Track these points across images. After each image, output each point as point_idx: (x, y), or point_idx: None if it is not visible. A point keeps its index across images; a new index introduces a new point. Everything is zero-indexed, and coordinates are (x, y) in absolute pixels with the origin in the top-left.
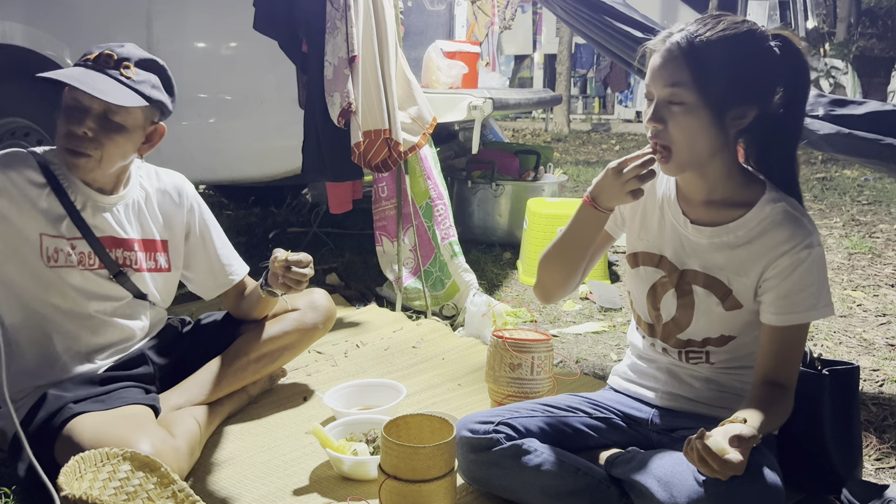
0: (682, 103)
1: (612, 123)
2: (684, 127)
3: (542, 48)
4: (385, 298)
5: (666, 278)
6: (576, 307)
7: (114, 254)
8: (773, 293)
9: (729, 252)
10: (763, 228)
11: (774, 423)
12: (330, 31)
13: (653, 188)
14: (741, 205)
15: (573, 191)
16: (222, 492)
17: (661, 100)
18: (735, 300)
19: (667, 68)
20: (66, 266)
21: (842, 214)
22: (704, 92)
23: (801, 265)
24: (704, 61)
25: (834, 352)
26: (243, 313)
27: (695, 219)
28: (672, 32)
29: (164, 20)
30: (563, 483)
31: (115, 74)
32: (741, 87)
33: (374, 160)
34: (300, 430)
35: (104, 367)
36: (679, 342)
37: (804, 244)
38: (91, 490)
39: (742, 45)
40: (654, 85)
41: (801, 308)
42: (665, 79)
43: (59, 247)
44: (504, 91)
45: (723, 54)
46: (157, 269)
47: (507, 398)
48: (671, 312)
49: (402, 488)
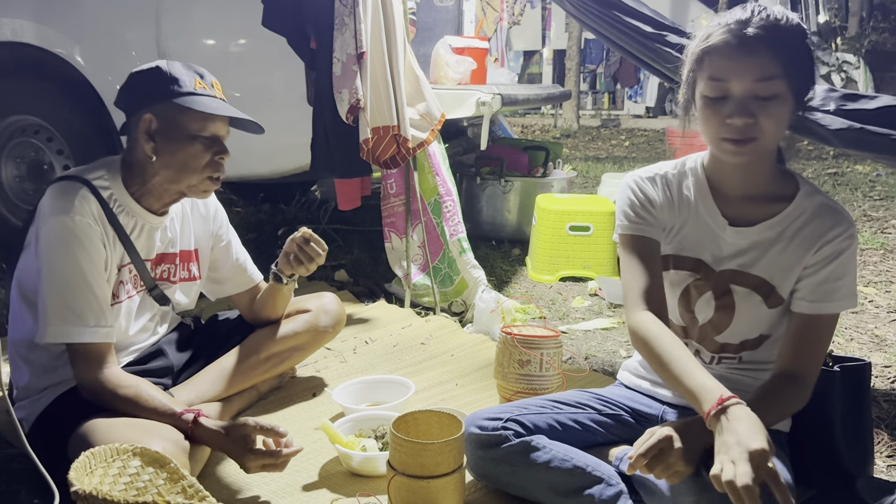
0: (775, 96)
1: (621, 119)
2: (776, 118)
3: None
4: (394, 295)
5: (701, 280)
6: (585, 303)
7: (156, 271)
8: (811, 279)
9: (771, 248)
10: (805, 221)
11: (777, 417)
12: (338, 28)
13: (677, 194)
14: (779, 199)
15: (582, 187)
16: (232, 487)
17: (748, 93)
18: (778, 296)
19: (751, 62)
20: (125, 300)
21: (853, 210)
22: (794, 79)
23: (843, 254)
24: (790, 50)
25: (845, 348)
26: (255, 315)
27: (734, 217)
28: (729, 24)
29: (173, 17)
30: (572, 480)
31: (224, 100)
32: (811, 67)
33: (383, 157)
34: (309, 427)
35: (124, 362)
36: (715, 345)
37: (848, 233)
38: (101, 485)
39: (804, 32)
40: (740, 81)
41: (835, 297)
42: (753, 72)
43: (121, 279)
44: (513, 87)
45: (798, 41)
46: (189, 278)
47: (515, 395)
48: (708, 315)
49: (410, 484)
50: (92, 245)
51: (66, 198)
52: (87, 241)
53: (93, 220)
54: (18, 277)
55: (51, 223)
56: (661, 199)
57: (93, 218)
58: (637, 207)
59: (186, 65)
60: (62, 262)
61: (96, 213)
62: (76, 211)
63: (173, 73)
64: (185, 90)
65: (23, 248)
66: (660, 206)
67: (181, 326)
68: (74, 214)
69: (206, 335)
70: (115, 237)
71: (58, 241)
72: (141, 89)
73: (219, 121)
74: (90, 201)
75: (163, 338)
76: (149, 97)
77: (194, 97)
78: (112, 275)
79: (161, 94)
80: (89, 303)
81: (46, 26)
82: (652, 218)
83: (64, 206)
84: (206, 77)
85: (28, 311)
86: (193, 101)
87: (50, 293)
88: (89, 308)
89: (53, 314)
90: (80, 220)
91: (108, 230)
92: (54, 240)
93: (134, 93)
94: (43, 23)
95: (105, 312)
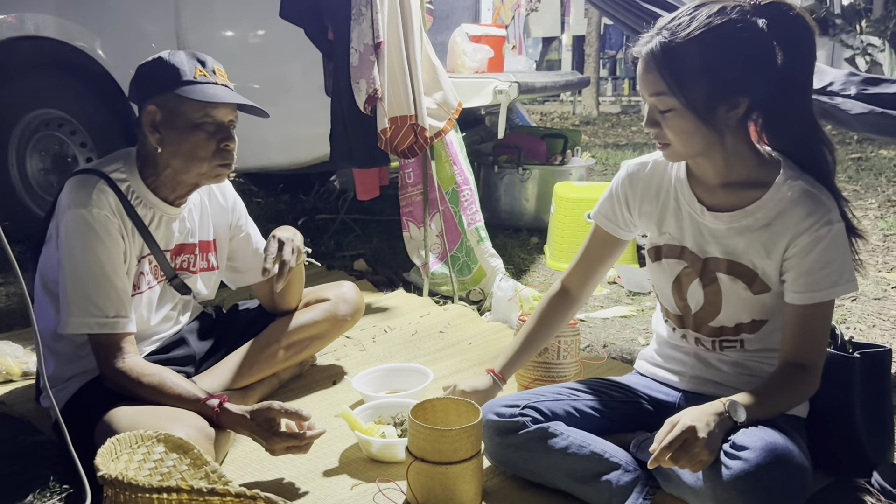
0: (670, 109)
1: (641, 105)
2: (676, 129)
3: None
4: (412, 284)
5: (689, 268)
6: (604, 291)
7: (176, 261)
8: (794, 272)
9: (749, 235)
10: (782, 208)
11: (786, 405)
12: (355, 18)
13: (662, 179)
14: (757, 185)
15: (601, 174)
16: (254, 473)
17: (651, 106)
18: (763, 283)
19: (646, 78)
20: (146, 290)
21: (877, 195)
22: (686, 96)
23: (822, 242)
24: (679, 67)
25: (867, 335)
26: (275, 305)
27: (711, 204)
28: (652, 35)
29: (192, 9)
30: (589, 466)
31: (229, 85)
32: (722, 84)
33: (401, 146)
34: (330, 414)
35: (147, 351)
36: (712, 330)
37: (823, 221)
38: (126, 471)
39: (716, 42)
40: (642, 92)
41: (823, 286)
42: (647, 88)
43: (141, 270)
44: (530, 74)
45: (697, 56)
46: (208, 268)
47: (533, 382)
48: (699, 302)
49: (429, 470)
50: (110, 237)
51: (83, 191)
52: (105, 233)
53: (110, 212)
54: (41, 270)
55: (69, 216)
56: (644, 188)
57: (110, 210)
58: (613, 201)
59: (190, 53)
60: (81, 255)
61: (114, 206)
62: (94, 204)
63: (174, 62)
64: (186, 79)
65: (45, 240)
66: (640, 199)
67: (203, 316)
68: (92, 207)
69: (227, 324)
70: (133, 229)
71: (76, 234)
72: (145, 81)
73: (221, 108)
74: (108, 194)
75: (185, 327)
76: (151, 89)
77: (194, 86)
78: (132, 266)
79: (162, 85)
80: (108, 294)
81: (68, 20)
82: (620, 216)
83: (82, 200)
84: (207, 64)
85: (51, 303)
86: (192, 90)
87: (70, 285)
88: (108, 300)
89: (74, 306)
90: (97, 213)
91: (127, 222)
92: (73, 233)
93: (139, 85)
94: (64, 17)
95: (125, 303)
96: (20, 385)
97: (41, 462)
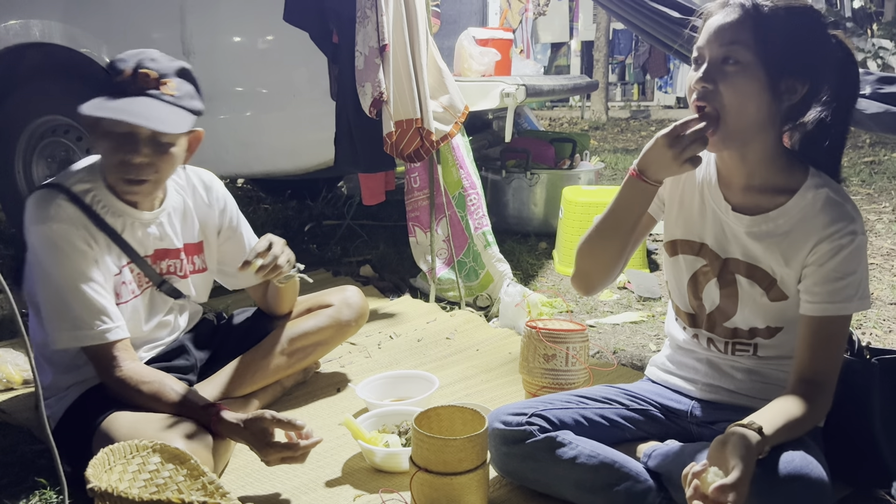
0: (739, 62)
1: (651, 110)
2: (737, 88)
3: (579, 35)
4: (419, 289)
5: (707, 267)
6: (613, 297)
7: (160, 266)
8: (811, 279)
9: (768, 241)
10: (804, 215)
11: (803, 427)
12: (360, 21)
13: (690, 177)
14: (783, 191)
15: (611, 179)
16: (254, 484)
17: (715, 59)
18: (780, 291)
19: (728, 26)
20: (131, 299)
21: (891, 199)
22: (763, 52)
23: (842, 252)
24: (768, 23)
25: (883, 340)
26: (269, 308)
27: (736, 205)
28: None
29: (198, 15)
30: (599, 476)
31: (157, 94)
32: (799, 56)
33: (407, 150)
34: (333, 422)
35: (146, 358)
36: (725, 331)
37: (847, 230)
38: (119, 483)
39: (804, 18)
40: (710, 45)
41: (839, 298)
42: (724, 37)
43: (122, 279)
44: (537, 78)
45: (786, 20)
46: (196, 270)
47: (541, 389)
48: (715, 302)
49: (433, 481)
50: (75, 249)
51: (41, 208)
52: (69, 246)
53: (71, 224)
54: (25, 283)
55: (32, 235)
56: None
57: (71, 223)
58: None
59: (134, 53)
60: (52, 270)
61: (75, 217)
62: (52, 219)
63: (110, 67)
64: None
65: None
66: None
67: (204, 322)
68: (52, 223)
69: (228, 331)
70: (107, 240)
71: (41, 251)
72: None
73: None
74: (65, 208)
75: (185, 334)
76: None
77: (96, 99)
78: (110, 274)
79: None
80: (86, 306)
81: (74, 26)
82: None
83: (40, 216)
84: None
85: (36, 315)
86: (91, 102)
87: (46, 302)
88: (88, 311)
89: (56, 321)
90: (57, 227)
91: (97, 234)
92: (38, 250)
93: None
94: (70, 23)
95: (108, 312)
96: (21, 393)
97: (41, 472)
